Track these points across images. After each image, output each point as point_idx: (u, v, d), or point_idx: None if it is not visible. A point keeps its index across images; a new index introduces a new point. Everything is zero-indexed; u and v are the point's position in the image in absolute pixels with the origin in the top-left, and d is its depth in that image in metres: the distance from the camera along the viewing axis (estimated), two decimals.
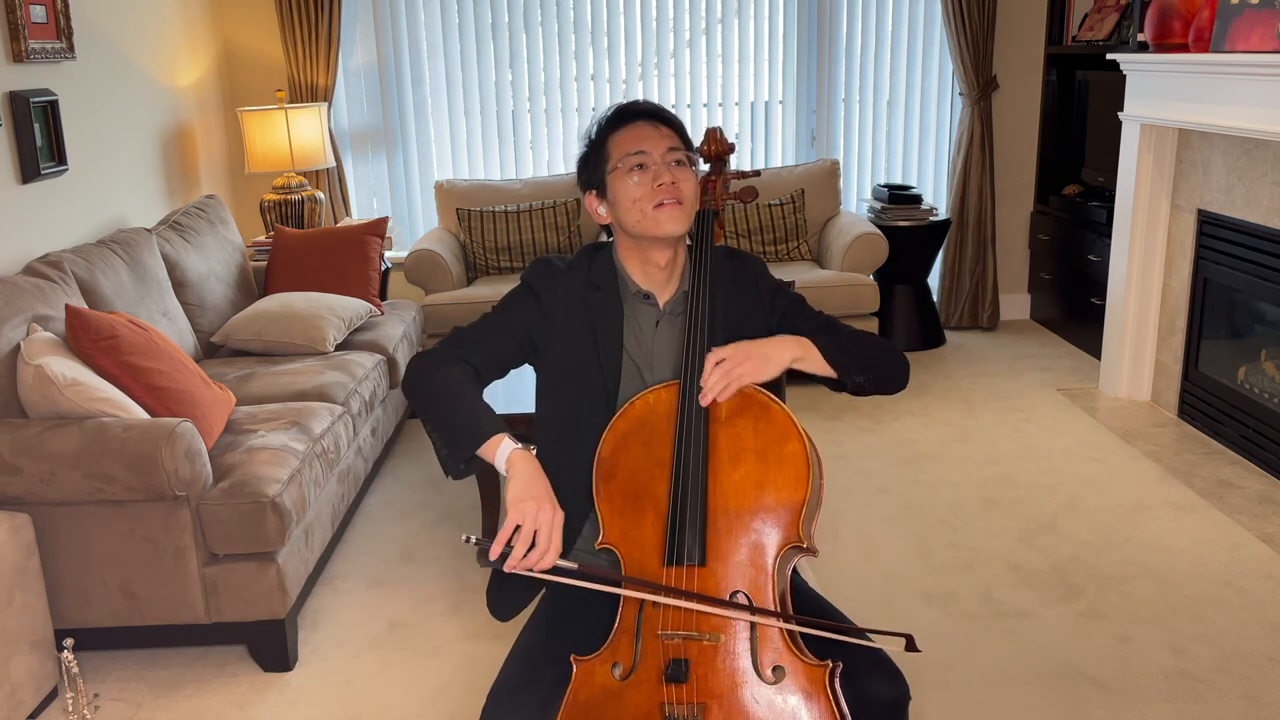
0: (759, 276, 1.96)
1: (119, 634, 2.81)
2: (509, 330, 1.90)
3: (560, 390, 1.90)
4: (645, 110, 1.86)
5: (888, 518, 3.55)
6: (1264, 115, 3.40)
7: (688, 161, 1.84)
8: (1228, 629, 2.84)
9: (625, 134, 1.84)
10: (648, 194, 1.80)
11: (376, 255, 4.40)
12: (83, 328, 2.82)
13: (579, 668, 1.67)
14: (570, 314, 1.88)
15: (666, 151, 1.82)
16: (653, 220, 1.81)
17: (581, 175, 1.92)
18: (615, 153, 1.84)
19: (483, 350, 1.88)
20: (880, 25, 5.51)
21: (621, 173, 1.82)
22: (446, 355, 1.85)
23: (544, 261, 1.94)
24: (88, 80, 3.84)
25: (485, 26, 5.37)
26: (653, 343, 1.88)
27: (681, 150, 1.84)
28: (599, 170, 1.87)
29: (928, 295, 5.43)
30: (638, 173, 1.81)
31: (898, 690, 1.70)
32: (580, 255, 1.95)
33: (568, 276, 1.91)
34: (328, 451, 3.14)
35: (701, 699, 1.61)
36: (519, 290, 1.93)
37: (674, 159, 1.82)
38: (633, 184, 1.81)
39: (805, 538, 1.68)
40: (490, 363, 1.89)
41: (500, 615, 1.96)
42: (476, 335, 1.90)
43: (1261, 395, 3.84)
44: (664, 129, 1.84)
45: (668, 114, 1.88)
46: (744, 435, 1.71)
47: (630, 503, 1.72)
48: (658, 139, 1.82)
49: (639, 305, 1.89)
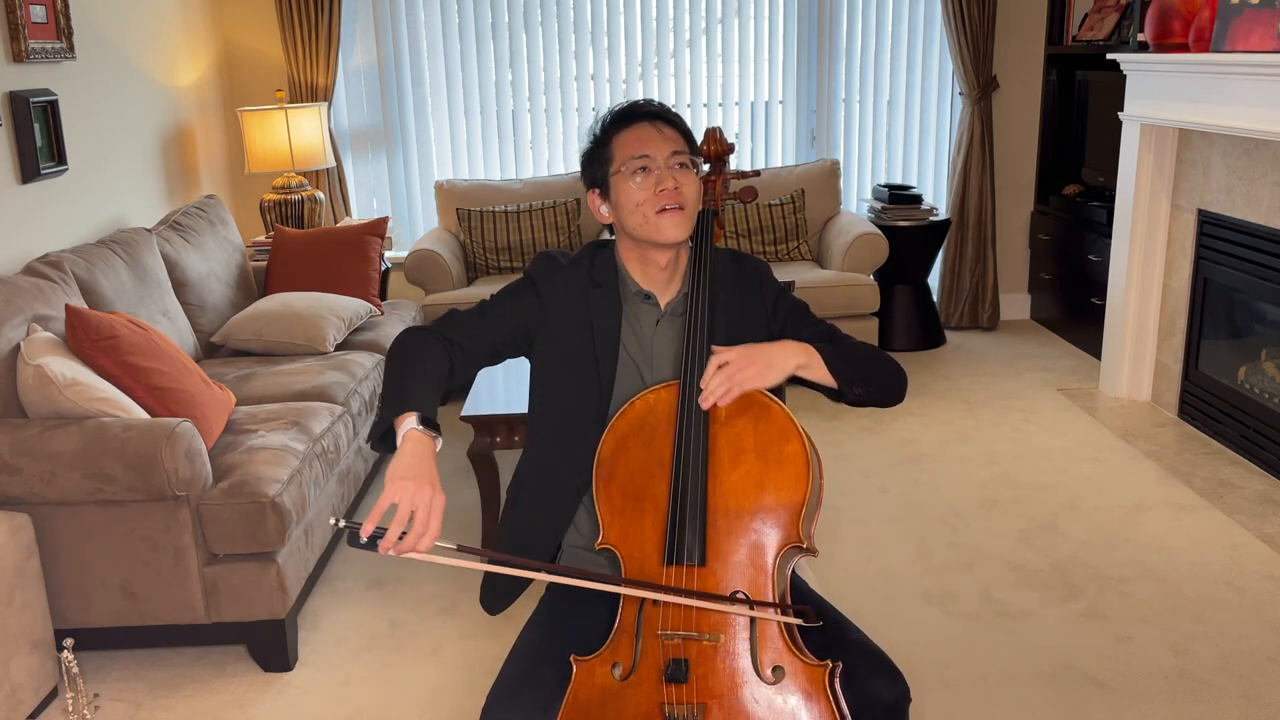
0: (763, 279, 1.95)
1: (119, 634, 2.81)
2: (504, 318, 1.89)
3: (555, 386, 1.90)
4: (651, 111, 1.85)
5: (888, 518, 3.55)
6: (1264, 115, 3.40)
7: (691, 165, 1.84)
8: (1228, 629, 2.84)
9: (629, 135, 1.83)
10: (650, 198, 1.80)
11: (376, 255, 4.40)
12: (83, 328, 2.82)
13: (579, 668, 1.67)
14: (569, 310, 1.88)
15: (670, 155, 1.81)
16: (654, 225, 1.81)
17: (585, 173, 1.91)
18: (619, 154, 1.83)
19: (473, 333, 1.87)
20: (880, 25, 5.51)
21: (625, 175, 1.82)
22: (429, 332, 1.85)
23: (548, 256, 1.94)
24: (88, 80, 3.84)
25: (485, 26, 5.37)
26: (653, 342, 1.88)
27: (686, 154, 1.83)
28: (602, 170, 1.86)
29: (928, 295, 5.43)
30: (641, 175, 1.80)
31: (898, 691, 1.70)
32: (583, 252, 1.95)
33: (570, 272, 1.91)
34: (328, 451, 3.14)
35: (701, 699, 1.61)
36: (521, 282, 1.93)
37: (677, 162, 1.81)
38: (635, 187, 1.80)
39: (805, 538, 1.68)
40: (479, 346, 1.87)
41: (490, 609, 1.95)
42: (470, 319, 1.90)
43: (1261, 395, 3.84)
44: (669, 131, 1.83)
45: (673, 115, 1.87)
46: (744, 435, 1.71)
47: (630, 503, 1.72)
48: (662, 142, 1.81)
49: (639, 304, 1.89)
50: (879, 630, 2.84)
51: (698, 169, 1.86)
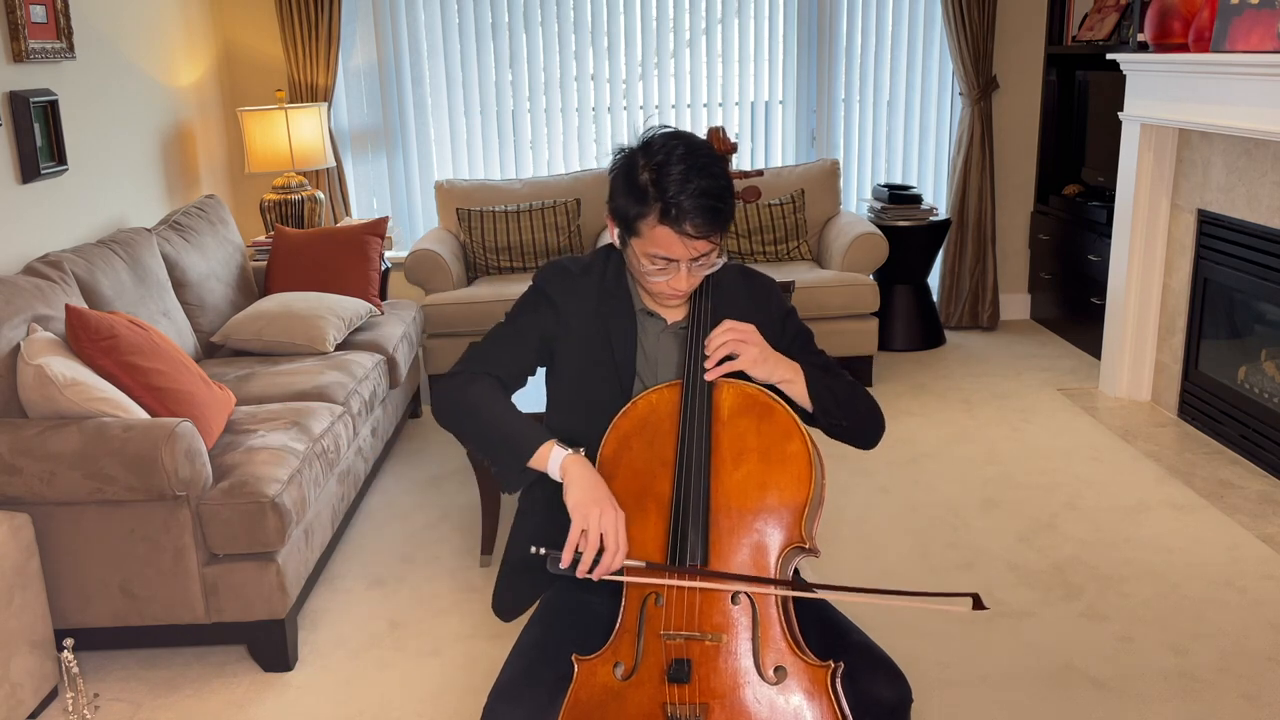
0: (772, 295, 1.94)
1: (119, 634, 2.81)
2: (525, 340, 1.87)
3: (576, 394, 1.89)
4: (691, 212, 1.67)
5: (888, 518, 3.55)
6: (1264, 115, 3.40)
7: (713, 254, 1.75)
8: (1228, 629, 2.84)
9: (663, 231, 1.69)
10: (658, 285, 1.77)
11: (376, 255, 4.40)
12: (83, 328, 2.82)
13: (580, 667, 1.67)
14: (585, 319, 1.86)
15: (694, 259, 1.72)
16: (653, 297, 1.83)
17: (613, 201, 1.77)
18: (643, 239, 1.72)
19: (506, 363, 1.86)
20: (880, 25, 5.51)
21: (640, 253, 1.74)
22: (471, 374, 1.83)
23: (558, 266, 1.90)
24: (88, 80, 3.84)
25: (485, 26, 5.37)
26: (657, 352, 1.88)
27: (711, 253, 1.74)
28: (625, 217, 1.74)
29: (928, 295, 5.43)
30: (660, 262, 1.73)
31: (900, 692, 1.70)
32: (596, 257, 1.91)
33: (582, 281, 1.88)
34: (328, 451, 3.14)
35: (703, 699, 1.61)
36: (532, 296, 1.89)
37: (698, 262, 1.74)
38: (650, 268, 1.75)
39: (807, 538, 1.68)
40: (514, 372, 1.87)
41: (504, 615, 1.95)
42: (494, 349, 1.87)
43: (1261, 395, 3.84)
44: (698, 243, 1.70)
45: (717, 216, 1.69)
46: (746, 435, 1.71)
47: (633, 502, 1.72)
48: (687, 250, 1.71)
49: (644, 318, 1.88)
50: (879, 630, 2.84)
51: (720, 252, 1.79)
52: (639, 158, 1.72)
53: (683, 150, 1.69)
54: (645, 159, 1.71)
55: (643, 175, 1.70)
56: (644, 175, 1.70)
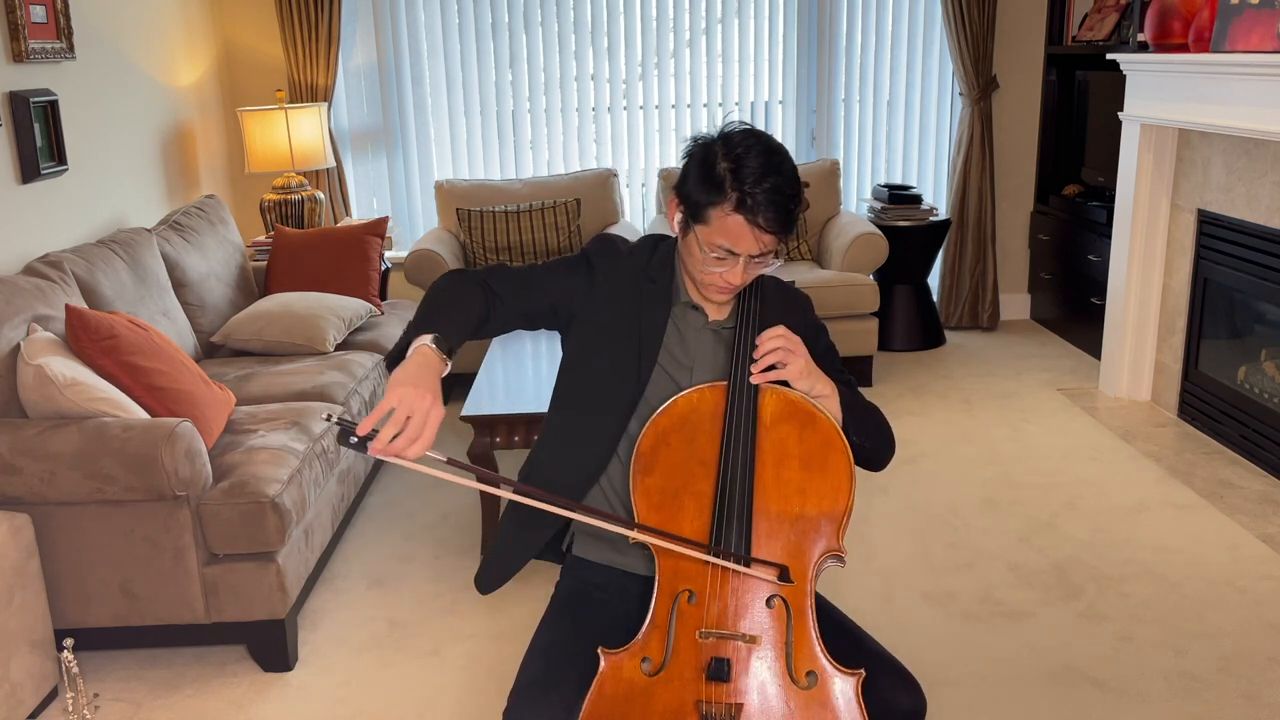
0: (806, 310, 1.95)
1: (119, 634, 2.81)
2: (553, 289, 1.86)
3: (588, 372, 1.87)
4: (765, 205, 1.69)
5: (888, 518, 3.55)
6: (1264, 115, 3.40)
7: (770, 255, 1.76)
8: (1228, 629, 2.85)
9: (730, 221, 1.70)
10: (712, 277, 1.77)
11: (376, 255, 4.40)
12: (83, 328, 2.82)
13: (607, 660, 1.67)
14: (619, 300, 1.86)
15: (754, 255, 1.73)
16: (702, 289, 1.81)
17: (683, 187, 1.77)
18: (710, 227, 1.72)
19: (517, 291, 1.83)
20: (880, 25, 5.51)
21: (704, 241, 1.74)
22: (474, 279, 1.81)
23: (608, 239, 1.90)
24: (88, 80, 3.84)
25: (485, 26, 5.37)
26: (695, 346, 1.86)
27: (771, 252, 1.75)
28: (693, 205, 1.75)
29: (928, 295, 5.43)
30: (719, 252, 1.73)
31: (916, 701, 1.72)
32: (643, 244, 1.92)
33: (627, 262, 1.88)
34: (327, 451, 3.14)
35: (737, 699, 1.63)
36: (578, 259, 1.90)
37: (756, 260, 1.75)
38: (707, 257, 1.75)
39: (842, 547, 1.71)
40: (519, 306, 1.84)
41: (483, 587, 1.92)
42: (518, 278, 1.85)
43: (1261, 395, 3.84)
44: (766, 238, 1.71)
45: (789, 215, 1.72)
46: (788, 441, 1.72)
47: (669, 499, 1.72)
48: (754, 243, 1.71)
49: (686, 310, 1.87)
50: (879, 630, 2.84)
51: (779, 256, 1.79)
52: (718, 147, 1.73)
53: (761, 148, 1.72)
54: (725, 149, 1.72)
55: (721, 164, 1.70)
56: (722, 164, 1.70)
